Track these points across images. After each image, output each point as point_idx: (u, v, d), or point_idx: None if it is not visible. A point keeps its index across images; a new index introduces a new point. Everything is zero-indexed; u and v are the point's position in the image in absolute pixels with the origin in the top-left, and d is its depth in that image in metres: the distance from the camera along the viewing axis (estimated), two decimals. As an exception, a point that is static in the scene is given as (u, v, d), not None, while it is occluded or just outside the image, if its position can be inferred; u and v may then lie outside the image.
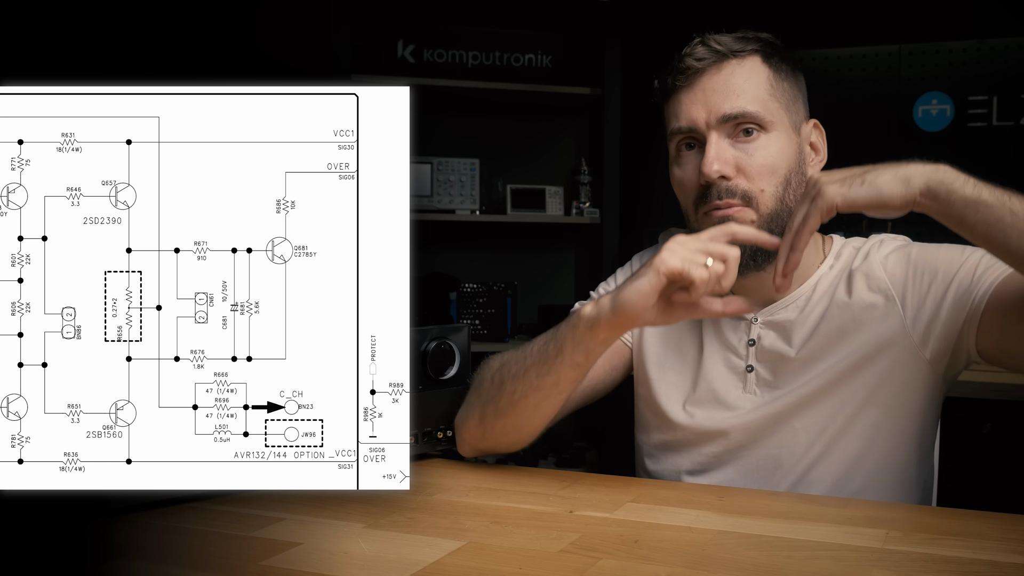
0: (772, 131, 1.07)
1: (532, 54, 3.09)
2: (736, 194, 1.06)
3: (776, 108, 1.08)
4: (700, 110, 1.07)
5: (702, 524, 0.87)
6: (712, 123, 1.07)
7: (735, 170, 1.06)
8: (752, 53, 1.09)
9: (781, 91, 1.09)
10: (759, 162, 1.06)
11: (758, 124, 1.07)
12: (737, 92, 1.06)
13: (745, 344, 1.14)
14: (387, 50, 2.99)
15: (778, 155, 1.07)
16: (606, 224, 3.00)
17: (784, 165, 1.08)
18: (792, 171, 1.09)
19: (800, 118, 1.12)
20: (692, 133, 1.09)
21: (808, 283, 1.14)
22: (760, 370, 1.13)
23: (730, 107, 1.06)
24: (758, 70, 1.08)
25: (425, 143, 3.04)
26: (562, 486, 1.03)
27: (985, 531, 0.85)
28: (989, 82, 2.99)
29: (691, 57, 1.09)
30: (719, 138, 1.07)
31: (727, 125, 1.07)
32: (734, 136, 1.07)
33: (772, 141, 1.07)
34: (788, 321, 1.12)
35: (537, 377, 1.04)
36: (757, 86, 1.07)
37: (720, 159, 1.05)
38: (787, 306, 1.13)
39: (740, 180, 1.06)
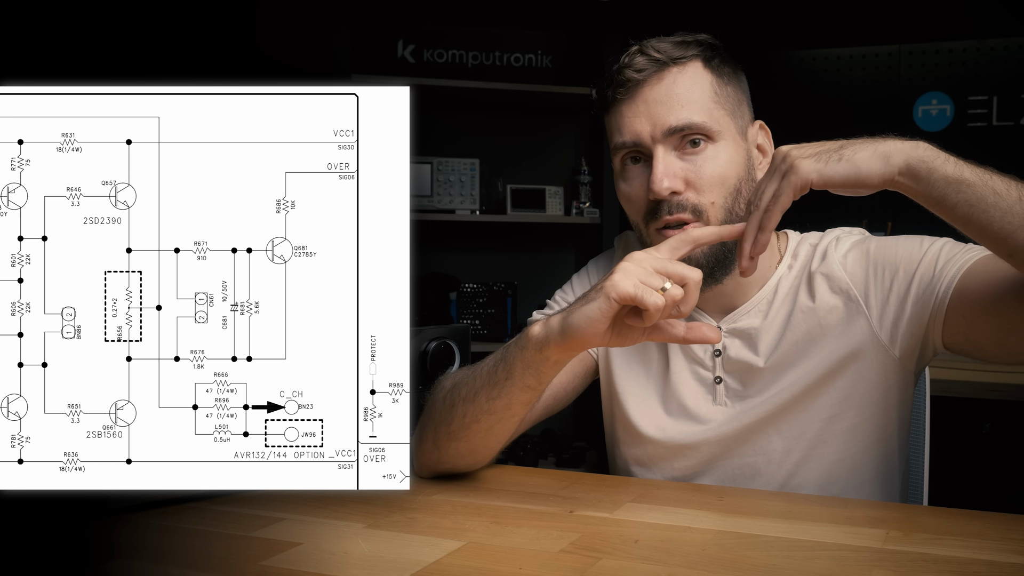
0: (719, 140, 1.04)
1: (532, 54, 3.09)
2: (687, 208, 1.03)
3: (722, 115, 1.05)
4: (644, 123, 1.04)
5: (702, 524, 0.87)
6: (658, 137, 1.03)
7: (684, 184, 1.03)
8: (692, 59, 1.05)
9: (725, 96, 1.06)
10: (708, 174, 1.03)
11: (705, 134, 1.03)
12: (681, 102, 1.03)
13: (711, 355, 1.12)
14: (387, 50, 2.99)
15: (727, 165, 1.04)
16: (606, 224, 3.00)
17: (734, 174, 1.05)
18: (742, 179, 1.06)
19: (746, 122, 1.09)
20: (637, 147, 1.05)
21: (768, 286, 1.11)
22: (729, 381, 1.11)
23: (675, 119, 1.02)
24: (700, 77, 1.05)
25: (425, 143, 3.04)
26: (562, 486, 1.03)
27: (985, 531, 0.85)
28: (989, 82, 2.99)
29: (630, 68, 1.05)
30: (666, 152, 1.03)
31: (673, 138, 1.03)
32: (680, 148, 1.04)
33: (720, 151, 1.04)
34: (752, 328, 1.10)
35: (488, 400, 1.00)
36: (701, 94, 1.04)
37: (668, 174, 1.02)
38: (749, 312, 1.11)
39: (690, 194, 1.03)
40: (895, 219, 2.97)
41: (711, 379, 1.12)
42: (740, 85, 1.10)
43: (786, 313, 1.10)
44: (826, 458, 1.08)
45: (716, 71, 1.06)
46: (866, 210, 2.99)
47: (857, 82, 3.11)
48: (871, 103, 3.08)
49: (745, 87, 1.11)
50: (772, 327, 1.10)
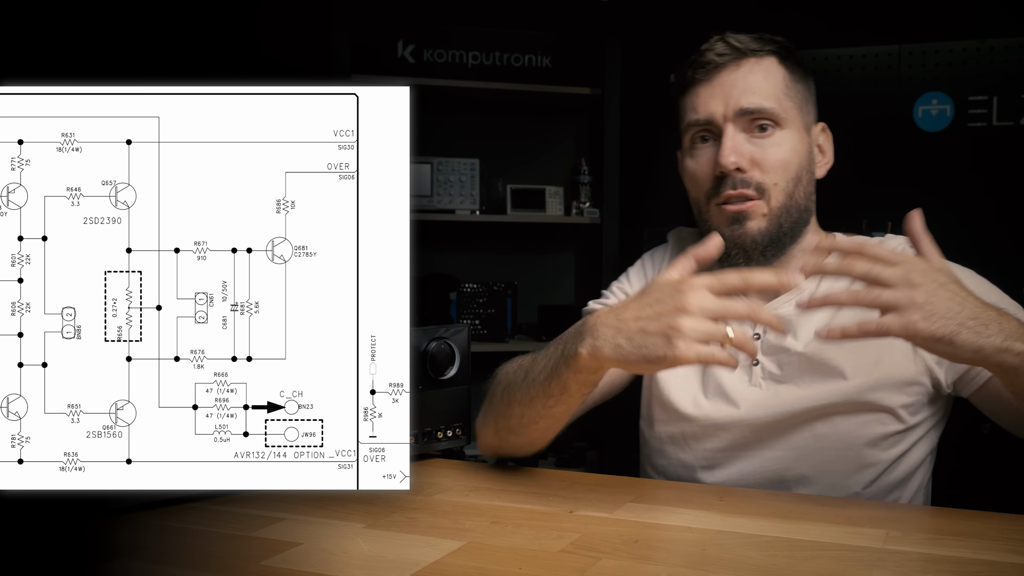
0: (786, 128, 1.10)
1: (532, 54, 3.09)
2: (750, 185, 1.09)
3: (790, 107, 1.11)
4: (718, 103, 1.10)
5: (702, 524, 0.87)
6: (729, 116, 1.09)
7: (750, 163, 1.09)
8: (770, 54, 1.12)
9: (795, 92, 1.13)
10: (773, 157, 1.09)
11: (773, 120, 1.10)
12: (754, 89, 1.09)
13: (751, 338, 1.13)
14: (387, 50, 2.99)
15: (791, 152, 1.10)
16: (606, 224, 3.00)
17: (796, 162, 1.11)
18: (803, 169, 1.12)
19: (811, 120, 1.16)
20: (708, 126, 1.11)
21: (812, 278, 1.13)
22: (766, 363, 1.13)
23: (748, 102, 1.09)
24: (775, 70, 1.12)
25: (425, 143, 3.04)
26: (562, 486, 1.03)
27: (985, 531, 0.85)
28: (989, 82, 2.99)
29: (712, 52, 1.11)
30: (735, 131, 1.09)
31: (743, 120, 1.09)
32: (749, 131, 1.10)
33: (786, 138, 1.10)
34: (792, 315, 1.13)
35: (545, 408, 1.01)
36: (774, 85, 1.11)
37: (736, 151, 1.08)
38: (791, 300, 1.14)
39: (755, 172, 1.09)
40: (895, 219, 2.97)
41: (749, 361, 1.14)
42: (808, 87, 1.16)
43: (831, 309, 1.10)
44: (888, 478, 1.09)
45: (789, 69, 1.13)
46: (865, 211, 2.99)
47: (857, 82, 3.11)
48: (871, 103, 3.08)
49: (813, 91, 1.17)
50: (812, 316, 1.11)
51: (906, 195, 3.03)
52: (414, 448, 1.12)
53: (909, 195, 3.04)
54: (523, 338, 3.07)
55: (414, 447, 1.12)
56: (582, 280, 3.27)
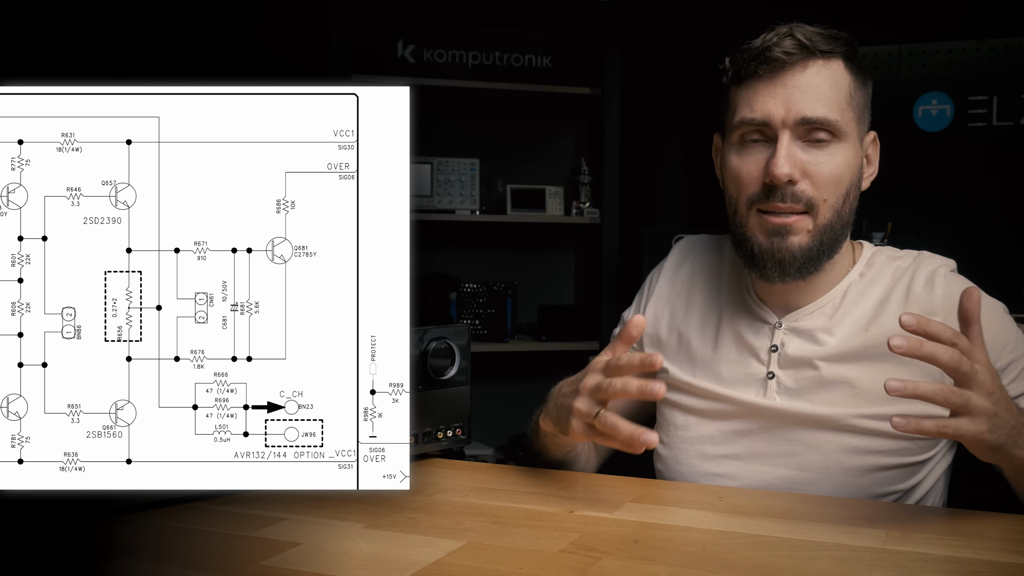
0: (843, 141, 1.05)
1: (532, 54, 3.10)
2: (801, 200, 1.03)
3: (851, 118, 1.06)
4: (779, 106, 1.03)
5: (702, 524, 0.87)
6: (789, 123, 1.03)
7: (801, 174, 1.03)
8: (838, 55, 1.06)
9: (857, 100, 1.07)
10: (827, 171, 1.04)
11: (833, 132, 1.04)
12: (819, 96, 1.03)
13: (767, 350, 1.11)
14: (387, 50, 2.99)
15: (844, 166, 1.05)
16: (606, 224, 3.01)
17: (848, 177, 1.06)
18: (853, 184, 1.07)
19: (865, 129, 1.10)
20: (764, 127, 1.05)
21: (836, 289, 1.11)
22: (782, 377, 1.10)
23: (811, 111, 1.03)
24: (842, 76, 1.05)
25: (425, 143, 3.04)
26: (562, 486, 1.03)
27: (985, 531, 0.85)
28: (989, 82, 2.99)
29: (779, 48, 1.03)
30: (791, 139, 1.03)
31: (801, 128, 1.03)
32: (806, 139, 1.04)
33: (841, 151, 1.05)
34: (817, 328, 1.09)
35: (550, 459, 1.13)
36: (838, 93, 1.04)
37: (791, 161, 1.02)
38: (813, 312, 1.10)
39: (805, 185, 1.04)
40: (895, 220, 2.97)
41: (764, 373, 1.11)
42: (867, 93, 1.10)
43: (855, 321, 1.08)
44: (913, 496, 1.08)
45: (855, 73, 1.07)
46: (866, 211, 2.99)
47: (857, 82, 3.10)
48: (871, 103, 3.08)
49: (870, 95, 1.11)
50: (836, 331, 1.08)
51: (906, 195, 3.03)
52: (414, 448, 1.12)
53: (909, 195, 3.04)
54: (523, 338, 3.07)
55: (414, 447, 1.12)
56: (582, 280, 3.27)
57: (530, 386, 1.25)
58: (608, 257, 2.99)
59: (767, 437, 1.10)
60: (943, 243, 3.13)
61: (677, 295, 1.21)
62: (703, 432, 1.14)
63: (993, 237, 2.97)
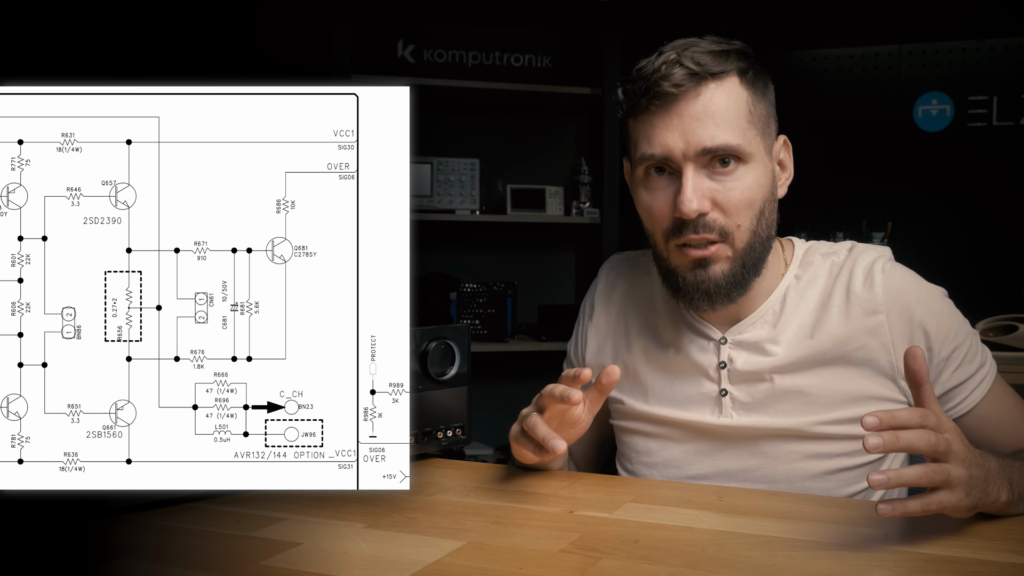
0: (750, 162, 1.02)
1: (532, 54, 3.10)
2: (714, 229, 1.01)
3: (754, 136, 1.02)
4: (677, 139, 1.00)
5: (702, 524, 0.87)
6: (690, 155, 1.00)
7: (711, 204, 1.01)
8: (730, 73, 1.02)
9: (758, 115, 1.04)
10: (737, 197, 1.01)
11: (737, 156, 1.01)
12: (716, 121, 1.00)
13: (716, 367, 1.10)
14: (387, 50, 2.99)
15: (754, 187, 1.02)
16: (606, 224, 3.01)
17: (760, 197, 1.03)
18: (767, 200, 1.05)
19: (772, 139, 1.07)
20: (666, 162, 1.02)
21: (774, 296, 1.10)
22: (735, 393, 1.09)
23: (711, 140, 0.99)
24: (737, 94, 1.02)
25: (425, 143, 3.04)
26: (562, 486, 1.03)
27: (985, 531, 0.85)
28: (989, 82, 2.99)
29: (667, 81, 1.00)
30: (696, 171, 1.01)
31: (704, 157, 1.00)
32: (710, 167, 1.01)
33: (749, 173, 1.02)
34: (761, 339, 1.08)
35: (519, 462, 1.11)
36: (736, 114, 1.01)
37: (698, 195, 1.00)
38: (755, 322, 1.09)
39: (716, 215, 1.01)
40: (895, 219, 2.97)
41: (716, 392, 1.10)
42: (769, 99, 1.07)
43: (799, 327, 1.07)
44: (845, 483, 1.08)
45: (751, 87, 1.04)
46: (865, 210, 2.99)
47: (857, 82, 3.11)
48: (871, 103, 3.09)
49: (773, 99, 1.08)
50: (782, 339, 1.08)
51: (906, 195, 3.04)
52: (414, 448, 1.12)
53: (909, 195, 3.04)
54: (523, 338, 3.07)
55: (414, 447, 1.12)
56: (582, 280, 3.27)
57: (530, 386, 1.24)
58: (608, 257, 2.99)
59: (731, 454, 1.10)
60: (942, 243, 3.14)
61: (615, 324, 1.19)
62: (667, 456, 1.13)
63: (993, 237, 2.97)
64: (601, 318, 1.21)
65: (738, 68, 1.03)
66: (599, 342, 1.21)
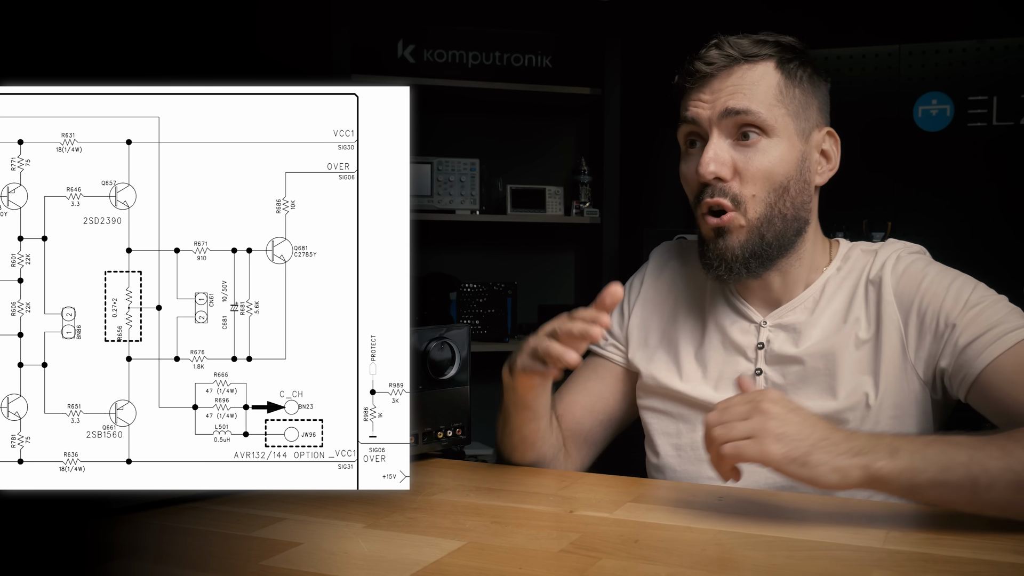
0: (774, 136, 1.07)
1: (532, 54, 3.10)
2: (727, 195, 1.07)
3: (782, 114, 1.08)
4: (705, 107, 1.08)
5: (702, 524, 0.87)
6: (715, 119, 1.07)
7: (731, 172, 1.07)
8: (766, 58, 1.09)
9: (791, 98, 1.09)
10: (756, 166, 1.07)
11: (759, 127, 1.07)
12: (744, 91, 1.07)
13: (754, 347, 1.14)
14: (387, 50, 2.99)
15: (776, 161, 1.07)
16: (606, 224, 3.00)
17: (782, 172, 1.08)
18: (791, 179, 1.09)
19: (811, 125, 1.11)
20: (696, 127, 1.09)
21: (815, 285, 1.14)
22: (770, 373, 1.13)
23: (735, 103, 1.06)
24: (768, 75, 1.08)
25: (425, 143, 3.04)
26: (562, 486, 1.03)
27: (985, 531, 0.85)
28: (989, 82, 2.99)
29: (702, 61, 1.09)
30: (720, 138, 1.07)
31: (729, 124, 1.07)
32: (735, 137, 1.07)
33: (772, 147, 1.07)
34: (798, 323, 1.12)
35: (510, 436, 1.13)
36: (765, 90, 1.07)
37: (717, 160, 1.06)
38: (795, 308, 1.13)
39: (734, 183, 1.07)
40: (895, 219, 2.97)
41: (751, 372, 1.13)
42: (815, 90, 1.12)
43: (833, 313, 1.11)
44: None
45: (787, 73, 1.09)
46: (865, 210, 2.99)
47: (857, 82, 3.11)
48: (871, 103, 3.08)
49: (821, 94, 1.13)
50: (817, 324, 1.11)
51: (906, 195, 3.03)
52: (414, 448, 1.12)
53: (909, 195, 3.04)
54: (523, 338, 3.06)
55: (414, 447, 1.12)
56: (582, 280, 3.27)
57: (530, 386, 1.24)
58: (608, 257, 2.99)
59: None
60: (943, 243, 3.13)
61: (663, 299, 1.24)
62: (696, 438, 1.14)
63: (993, 237, 2.97)
64: (649, 292, 1.25)
65: (776, 55, 1.09)
66: (645, 315, 1.24)
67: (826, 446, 0.85)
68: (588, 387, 1.26)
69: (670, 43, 3.31)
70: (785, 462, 0.85)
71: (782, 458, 0.85)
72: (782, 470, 0.86)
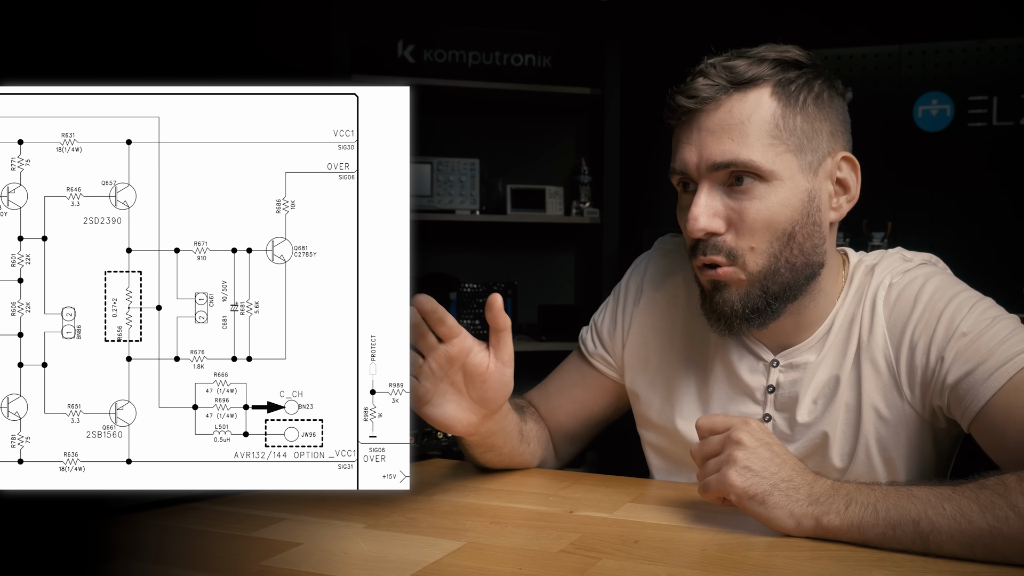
0: (772, 180, 0.95)
1: (532, 54, 3.10)
2: (721, 251, 0.96)
3: (780, 152, 0.95)
4: (693, 154, 0.96)
5: (702, 524, 0.87)
6: (703, 171, 0.96)
7: (725, 224, 0.96)
8: (761, 83, 0.95)
9: (791, 130, 0.96)
10: (752, 217, 0.95)
11: (753, 172, 0.94)
12: (732, 135, 0.94)
13: (764, 390, 1.05)
14: (387, 50, 2.99)
15: (776, 208, 0.95)
16: (606, 224, 3.01)
17: (785, 218, 0.96)
18: (796, 224, 0.96)
19: (819, 155, 0.98)
20: (685, 176, 0.99)
21: (828, 320, 1.04)
22: (778, 420, 1.04)
23: (721, 155, 0.94)
24: (762, 106, 0.95)
25: (425, 143, 3.05)
26: (562, 486, 1.03)
27: (985, 531, 0.85)
28: (989, 82, 2.99)
29: (684, 95, 0.97)
30: (711, 188, 0.96)
31: (720, 173, 0.95)
32: (728, 183, 0.96)
33: (770, 192, 0.95)
34: (807, 363, 1.03)
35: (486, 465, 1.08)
36: (758, 127, 0.94)
37: (707, 214, 0.95)
38: (810, 347, 1.04)
39: (728, 236, 0.96)
40: (895, 219, 2.97)
41: (759, 416, 1.05)
42: (822, 113, 0.99)
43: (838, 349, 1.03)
44: None
45: (786, 98, 0.96)
46: (865, 210, 2.99)
47: (857, 82, 3.10)
48: (871, 103, 3.08)
49: (834, 114, 1.01)
50: (824, 364, 1.03)
51: (906, 195, 3.03)
52: (414, 448, 1.12)
53: (909, 195, 3.04)
54: (523, 338, 3.07)
55: (414, 447, 1.12)
56: (582, 280, 3.27)
57: (530, 386, 1.25)
58: (608, 257, 2.99)
59: None
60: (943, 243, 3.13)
61: (662, 315, 1.13)
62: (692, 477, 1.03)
63: (993, 237, 2.97)
64: (651, 306, 1.14)
65: (773, 77, 0.96)
66: (643, 333, 1.14)
67: (786, 489, 0.83)
68: (573, 395, 1.19)
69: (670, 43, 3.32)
70: (744, 497, 0.83)
71: (741, 492, 0.83)
72: (740, 504, 0.84)
